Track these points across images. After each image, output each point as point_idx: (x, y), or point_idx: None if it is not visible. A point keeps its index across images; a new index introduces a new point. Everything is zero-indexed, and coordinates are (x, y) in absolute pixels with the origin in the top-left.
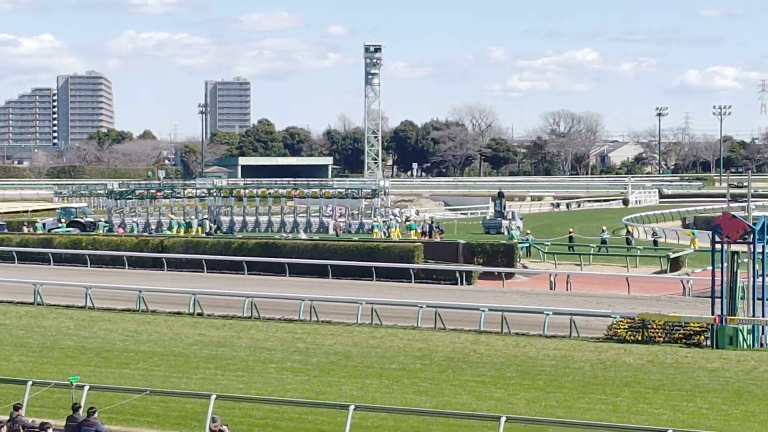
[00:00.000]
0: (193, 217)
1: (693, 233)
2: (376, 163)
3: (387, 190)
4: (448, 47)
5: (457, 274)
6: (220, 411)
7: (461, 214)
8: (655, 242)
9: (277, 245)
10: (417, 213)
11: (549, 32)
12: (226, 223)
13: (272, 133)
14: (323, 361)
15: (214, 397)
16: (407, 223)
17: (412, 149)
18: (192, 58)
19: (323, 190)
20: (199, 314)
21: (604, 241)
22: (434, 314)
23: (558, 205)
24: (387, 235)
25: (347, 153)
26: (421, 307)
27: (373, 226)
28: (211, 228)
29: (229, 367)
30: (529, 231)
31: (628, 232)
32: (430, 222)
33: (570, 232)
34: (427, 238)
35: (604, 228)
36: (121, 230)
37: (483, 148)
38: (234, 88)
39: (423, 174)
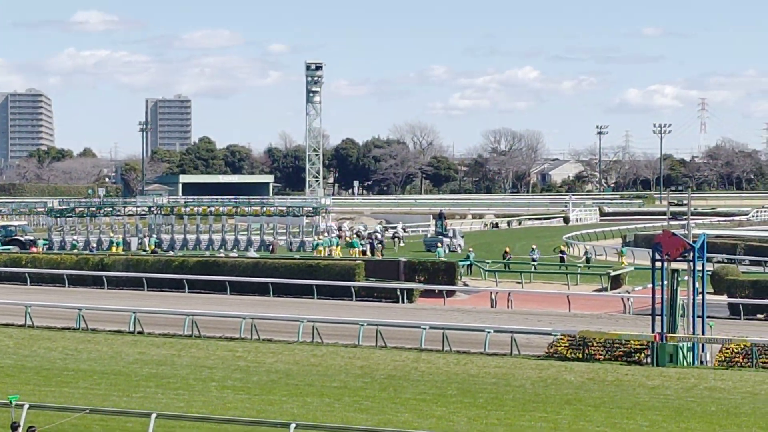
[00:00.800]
0: (136, 235)
1: (622, 251)
2: (317, 180)
3: (328, 208)
4: (389, 65)
5: (399, 292)
6: (161, 430)
7: (403, 231)
8: (587, 260)
9: (218, 263)
10: (358, 231)
11: (490, 50)
12: (167, 241)
13: (213, 151)
14: (264, 380)
15: (154, 416)
16: (356, 236)
17: (353, 167)
18: (133, 75)
19: (264, 208)
20: (139, 332)
21: (534, 260)
22: (375, 332)
23: (497, 224)
24: (329, 253)
25: (288, 171)
26: (363, 325)
27: (317, 244)
28: (158, 245)
29: (170, 385)
30: (471, 249)
31: (561, 251)
32: (374, 233)
33: (505, 252)
34: (368, 255)
35: (534, 247)
36: (35, 249)
37: (424, 166)
38: (175, 106)
39: (364, 192)
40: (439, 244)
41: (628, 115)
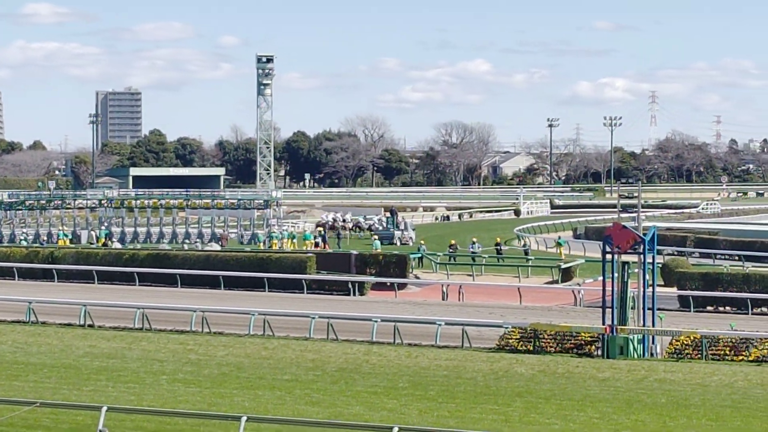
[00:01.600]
0: (86, 228)
1: (560, 242)
2: (268, 173)
3: (279, 201)
4: (341, 58)
5: (350, 285)
6: (112, 423)
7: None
8: (525, 253)
9: (169, 256)
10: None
11: (442, 43)
12: (118, 234)
13: (164, 144)
14: (215, 373)
15: (104, 409)
16: (318, 229)
17: (304, 160)
18: (83, 68)
19: (215, 201)
20: (89, 326)
21: (474, 254)
22: (327, 325)
23: (448, 217)
24: (280, 246)
25: (239, 163)
26: (314, 317)
27: (271, 236)
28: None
29: (120, 378)
30: (422, 241)
31: (497, 244)
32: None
33: (451, 243)
34: (322, 248)
35: (475, 240)
36: None
37: (375, 158)
38: (125, 99)
39: (315, 184)
40: (375, 237)
41: (579, 108)
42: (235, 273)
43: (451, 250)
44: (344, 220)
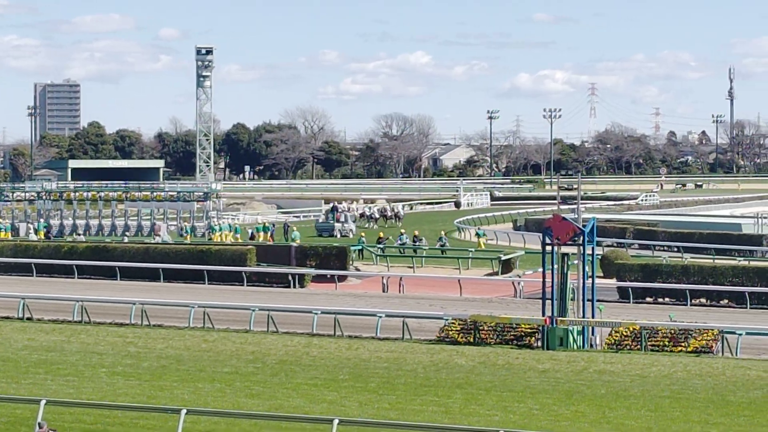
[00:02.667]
0: (24, 220)
1: (479, 233)
2: (208, 166)
3: (219, 193)
4: (281, 50)
5: (290, 277)
6: (51, 416)
7: (294, 216)
8: (443, 246)
9: (108, 249)
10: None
11: (382, 35)
12: (56, 226)
13: (103, 136)
14: (155, 365)
15: (43, 402)
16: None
17: (244, 152)
18: (21, 59)
19: (154, 193)
20: (28, 319)
21: (403, 244)
22: (267, 317)
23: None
24: (219, 238)
25: (179, 156)
26: (254, 310)
27: (213, 229)
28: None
29: (59, 372)
30: (363, 234)
31: (415, 237)
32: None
33: (380, 237)
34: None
35: (404, 231)
36: None
37: (315, 150)
38: (64, 91)
39: (255, 177)
40: (294, 228)
41: (519, 100)
42: (175, 265)
43: (380, 245)
44: (349, 209)
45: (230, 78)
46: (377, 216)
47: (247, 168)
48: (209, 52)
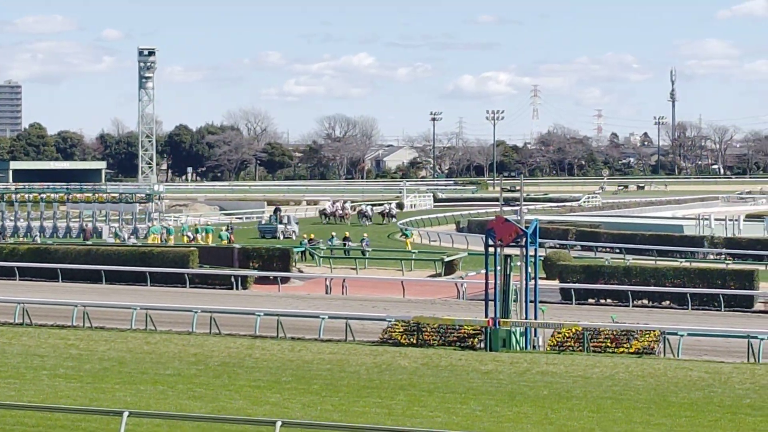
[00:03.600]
0: None
1: (405, 233)
2: (150, 167)
3: (161, 195)
4: (224, 51)
5: (233, 279)
6: None
7: (237, 218)
8: (345, 248)
9: (50, 251)
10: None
11: (326, 37)
12: None
13: (44, 137)
14: (97, 368)
15: None
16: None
17: (186, 153)
18: None
19: (96, 195)
20: None
21: (331, 249)
22: (209, 319)
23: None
24: (164, 240)
25: (121, 157)
26: (196, 312)
27: (150, 231)
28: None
29: (0, 374)
30: (305, 235)
31: (310, 239)
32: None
33: (310, 238)
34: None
35: (334, 234)
36: None
37: (258, 152)
38: (5, 92)
39: (198, 178)
40: (223, 228)
41: (463, 101)
42: (117, 267)
43: (310, 245)
44: (343, 208)
45: (173, 79)
46: (371, 214)
47: (189, 169)
48: (151, 53)
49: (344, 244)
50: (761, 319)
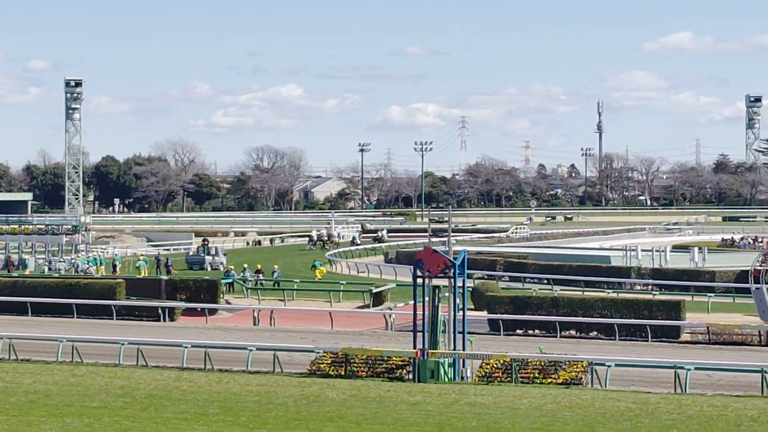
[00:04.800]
0: None
1: (315, 265)
2: (77, 198)
3: (88, 226)
4: (151, 82)
5: (160, 311)
6: None
7: (164, 249)
8: (276, 278)
9: None
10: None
11: (254, 68)
12: None
13: None
14: (22, 401)
15: None
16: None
17: (114, 184)
18: None
19: (23, 226)
20: None
21: (244, 280)
22: (136, 351)
23: (259, 242)
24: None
25: (48, 188)
26: (123, 344)
27: (87, 262)
28: None
29: None
30: (232, 266)
31: (257, 270)
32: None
33: (229, 268)
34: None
35: (246, 266)
36: None
37: (186, 183)
38: None
39: (125, 209)
40: (140, 257)
41: (391, 133)
42: (43, 299)
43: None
44: (329, 235)
45: (101, 110)
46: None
47: (116, 201)
48: (78, 84)
49: (257, 276)
50: (688, 350)
